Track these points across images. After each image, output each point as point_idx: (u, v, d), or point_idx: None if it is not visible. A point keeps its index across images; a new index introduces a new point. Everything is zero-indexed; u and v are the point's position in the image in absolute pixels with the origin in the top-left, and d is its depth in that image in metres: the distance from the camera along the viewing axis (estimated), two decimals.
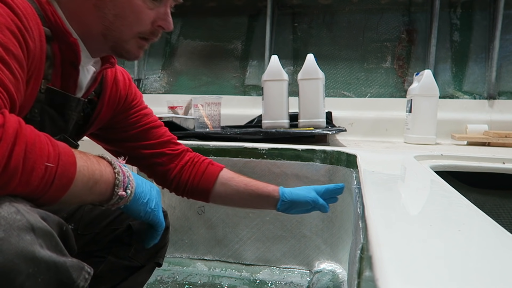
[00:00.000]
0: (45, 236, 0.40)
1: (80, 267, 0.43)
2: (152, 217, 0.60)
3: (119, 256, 0.75)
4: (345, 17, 1.75)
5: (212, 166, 0.81)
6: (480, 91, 1.56)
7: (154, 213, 0.60)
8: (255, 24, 1.85)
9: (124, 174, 0.53)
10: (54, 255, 0.40)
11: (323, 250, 1.08)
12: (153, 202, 0.59)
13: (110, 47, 0.60)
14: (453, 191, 0.56)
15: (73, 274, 0.42)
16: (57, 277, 0.40)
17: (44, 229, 0.40)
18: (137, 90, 0.80)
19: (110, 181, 0.51)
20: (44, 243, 0.39)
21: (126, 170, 0.54)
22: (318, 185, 1.02)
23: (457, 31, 1.63)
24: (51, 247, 0.40)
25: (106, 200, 0.51)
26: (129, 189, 0.53)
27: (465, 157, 0.96)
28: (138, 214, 0.58)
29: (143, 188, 0.58)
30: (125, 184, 0.53)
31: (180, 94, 1.79)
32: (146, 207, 0.58)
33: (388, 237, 0.35)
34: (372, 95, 1.65)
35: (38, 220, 0.40)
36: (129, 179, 0.54)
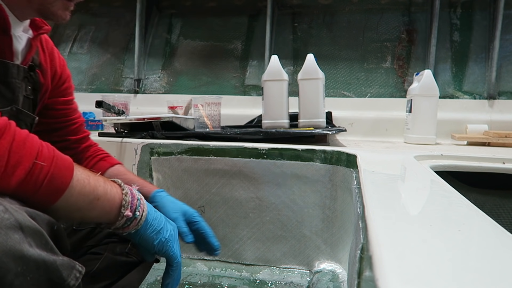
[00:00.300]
0: (34, 234, 0.40)
1: (71, 265, 0.43)
2: (166, 248, 0.59)
3: (116, 252, 0.75)
4: (345, 17, 1.75)
5: (102, 162, 0.80)
6: (480, 91, 1.56)
7: (167, 245, 0.59)
8: (255, 24, 1.85)
9: (133, 197, 0.53)
10: (43, 254, 0.40)
11: (323, 250, 1.08)
12: (167, 232, 0.59)
13: (36, 9, 0.60)
14: (453, 191, 0.56)
15: (64, 273, 0.41)
16: (47, 276, 0.39)
17: (32, 227, 0.40)
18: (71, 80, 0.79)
19: (116, 200, 0.51)
20: (33, 241, 0.39)
21: (138, 194, 0.54)
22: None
23: (457, 31, 1.63)
24: (40, 246, 0.40)
25: (113, 221, 0.51)
26: (139, 211, 0.53)
27: (465, 157, 0.96)
28: (152, 243, 0.57)
29: (156, 216, 0.57)
30: (134, 206, 0.52)
31: (180, 94, 1.79)
32: (160, 236, 0.57)
33: (388, 237, 0.35)
34: (372, 95, 1.65)
35: (26, 218, 0.40)
36: (140, 202, 0.54)
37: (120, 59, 1.97)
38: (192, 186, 1.13)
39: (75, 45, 2.04)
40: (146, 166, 1.15)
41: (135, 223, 0.53)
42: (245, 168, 1.08)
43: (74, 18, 2.10)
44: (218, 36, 1.88)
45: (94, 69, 1.99)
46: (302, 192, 1.07)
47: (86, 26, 2.07)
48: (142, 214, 0.54)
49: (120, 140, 1.17)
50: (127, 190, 0.52)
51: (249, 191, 1.10)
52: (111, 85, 1.93)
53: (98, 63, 1.99)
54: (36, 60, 0.67)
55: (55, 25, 2.10)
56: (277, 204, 1.09)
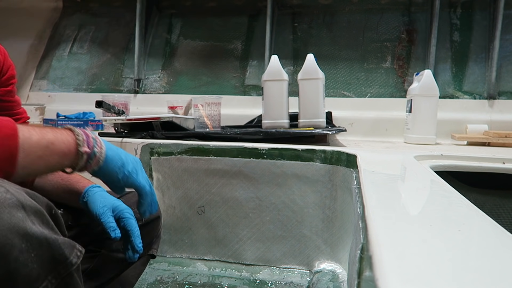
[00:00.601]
0: (35, 213, 0.41)
1: (72, 245, 0.44)
2: (131, 180, 0.61)
3: (112, 248, 0.75)
4: (345, 17, 1.75)
5: None
6: (480, 91, 1.56)
7: (132, 177, 0.61)
8: (255, 24, 1.85)
9: (87, 135, 0.54)
10: (46, 231, 0.41)
11: (323, 250, 1.08)
12: (130, 165, 0.60)
13: None
14: (453, 191, 0.56)
15: (66, 251, 0.42)
16: (50, 253, 0.41)
17: (34, 207, 0.41)
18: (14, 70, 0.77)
19: (70, 141, 0.52)
20: (36, 220, 0.40)
21: (91, 132, 0.56)
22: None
23: (457, 31, 1.63)
24: (42, 224, 0.41)
25: (75, 161, 0.53)
26: (97, 148, 0.55)
27: (465, 157, 0.96)
28: (116, 177, 0.59)
29: (116, 152, 0.59)
30: (91, 143, 0.54)
31: (180, 94, 1.79)
32: (123, 170, 0.59)
33: (388, 237, 0.35)
34: (372, 95, 1.65)
35: (27, 198, 0.41)
36: (96, 140, 0.56)
37: (120, 59, 1.97)
38: (192, 186, 1.13)
39: (75, 45, 2.04)
40: (146, 166, 1.15)
41: (97, 160, 0.55)
42: (245, 168, 1.08)
43: (74, 18, 2.10)
44: (218, 36, 1.88)
45: (94, 69, 1.99)
46: (302, 192, 1.07)
47: (86, 26, 2.07)
48: (101, 150, 0.56)
49: (120, 140, 1.17)
50: (78, 130, 0.54)
51: (249, 191, 1.10)
52: (111, 85, 1.93)
53: (98, 63, 1.99)
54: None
55: (55, 25, 2.10)
56: (277, 204, 1.09)
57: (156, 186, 1.16)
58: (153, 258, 0.83)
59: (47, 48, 2.07)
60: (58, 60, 2.04)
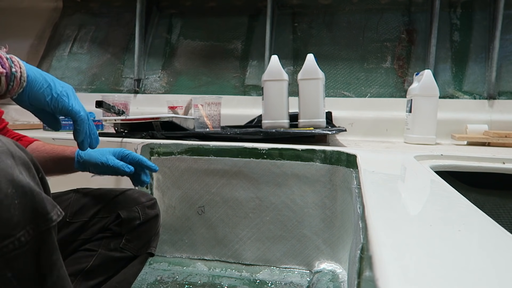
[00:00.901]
0: (23, 164, 0.41)
1: (53, 204, 0.44)
2: (61, 104, 0.56)
3: (110, 248, 0.74)
4: (345, 17, 1.75)
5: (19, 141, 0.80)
6: (480, 91, 1.56)
7: (62, 99, 0.56)
8: (255, 24, 1.85)
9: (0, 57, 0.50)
10: (31, 183, 0.41)
11: (323, 250, 1.08)
12: (58, 88, 0.57)
13: None
14: (453, 191, 0.56)
15: (47, 206, 0.42)
16: (32, 204, 0.40)
17: (22, 158, 0.41)
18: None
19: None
20: (23, 170, 0.40)
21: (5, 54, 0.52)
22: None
23: (457, 31, 1.63)
24: (29, 177, 0.41)
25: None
26: (15, 67, 0.51)
27: (465, 157, 0.96)
28: (44, 99, 0.55)
29: (40, 73, 0.55)
30: (6, 64, 0.50)
31: (180, 94, 1.79)
32: (51, 92, 0.55)
33: (388, 237, 0.35)
34: (372, 95, 1.65)
35: (17, 150, 0.41)
36: (11, 60, 0.51)
37: (120, 59, 1.97)
38: (192, 186, 1.13)
39: (75, 45, 2.04)
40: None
41: (18, 82, 0.51)
42: (245, 168, 1.08)
43: (74, 18, 2.10)
44: (218, 36, 1.88)
45: (94, 69, 1.99)
46: (302, 192, 1.07)
47: (86, 26, 2.07)
48: (21, 70, 0.52)
49: (120, 140, 1.17)
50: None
51: (249, 191, 1.10)
52: (111, 85, 1.93)
53: (98, 63, 1.99)
54: None
55: (55, 25, 2.10)
56: (277, 204, 1.09)
57: (156, 186, 1.16)
58: (152, 257, 0.82)
59: (47, 48, 2.07)
60: (58, 60, 2.04)
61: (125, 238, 0.76)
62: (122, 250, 0.75)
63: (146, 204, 0.80)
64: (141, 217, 0.77)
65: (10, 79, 0.50)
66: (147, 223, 0.79)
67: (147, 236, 0.79)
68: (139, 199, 0.80)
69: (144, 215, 0.78)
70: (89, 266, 0.72)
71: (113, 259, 0.74)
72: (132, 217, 0.76)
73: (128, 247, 0.76)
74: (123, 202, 0.78)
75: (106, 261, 0.74)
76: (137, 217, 0.77)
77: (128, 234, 0.76)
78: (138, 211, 0.78)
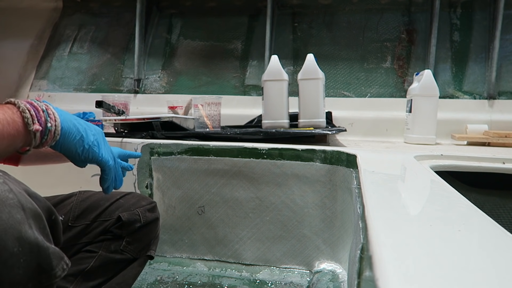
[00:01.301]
0: (34, 217, 0.40)
1: (61, 256, 0.43)
2: (92, 155, 0.56)
3: (111, 250, 0.75)
4: (345, 17, 1.75)
5: None
6: (480, 91, 1.56)
7: (93, 151, 0.56)
8: (255, 24, 1.85)
9: (37, 109, 0.49)
10: (39, 238, 0.40)
11: (323, 250, 1.08)
12: (90, 138, 0.56)
13: None
14: (453, 191, 0.56)
15: (53, 261, 0.42)
16: (38, 260, 0.40)
17: (33, 210, 0.40)
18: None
19: (16, 120, 0.47)
20: (33, 223, 0.40)
21: (43, 105, 0.51)
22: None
23: (457, 31, 1.63)
24: (39, 229, 0.40)
25: (29, 141, 0.48)
26: (51, 121, 0.50)
27: (465, 157, 0.96)
28: (75, 151, 0.55)
29: (73, 123, 0.54)
30: (42, 118, 0.49)
31: (180, 94, 1.79)
32: (83, 144, 0.55)
33: (388, 237, 0.35)
34: (372, 95, 1.65)
35: (29, 200, 0.40)
36: (47, 112, 0.50)
37: (120, 59, 1.97)
38: (192, 186, 1.13)
39: (75, 45, 2.04)
40: (146, 166, 1.15)
41: (52, 136, 0.50)
42: (245, 168, 1.08)
43: (74, 18, 2.10)
44: (218, 36, 1.88)
45: (94, 69, 1.99)
46: (302, 192, 1.07)
47: (86, 26, 2.07)
48: (56, 123, 0.51)
49: (120, 140, 1.17)
50: (24, 106, 0.48)
51: (249, 191, 1.10)
52: (111, 85, 1.93)
53: (98, 63, 1.99)
54: None
55: (55, 25, 2.10)
56: (277, 204, 1.09)
57: (156, 186, 1.16)
58: (151, 259, 0.83)
59: (47, 48, 2.07)
60: (58, 60, 2.04)
61: (125, 241, 0.76)
62: (122, 252, 0.76)
63: (147, 207, 0.81)
64: (141, 220, 0.78)
65: (44, 133, 0.49)
66: (147, 226, 0.79)
67: (147, 238, 0.80)
68: (140, 203, 0.81)
69: (144, 218, 0.79)
70: (89, 267, 0.73)
71: (113, 261, 0.75)
72: (133, 219, 0.77)
73: (128, 249, 0.77)
74: (124, 205, 0.79)
75: (106, 263, 0.74)
76: (137, 220, 0.77)
77: (129, 236, 0.76)
78: (138, 214, 0.78)
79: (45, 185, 0.54)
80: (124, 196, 0.81)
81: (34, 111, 0.49)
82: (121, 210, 0.77)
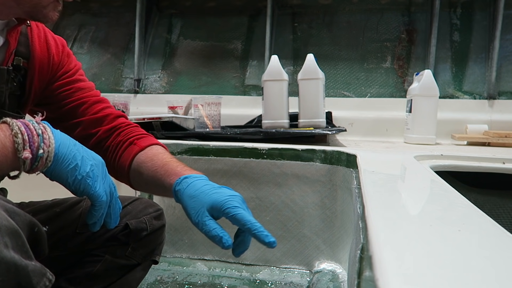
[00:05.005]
0: (11, 234, 0.38)
1: (42, 273, 0.41)
2: (83, 186, 0.50)
3: (116, 255, 0.75)
4: (345, 17, 1.75)
5: (132, 146, 0.70)
6: (480, 91, 1.56)
7: (86, 182, 0.50)
8: (255, 24, 1.85)
9: (31, 133, 0.45)
10: (16, 257, 0.38)
11: (323, 250, 1.08)
12: (85, 168, 0.50)
13: (25, 12, 0.56)
14: (453, 191, 0.56)
15: (33, 280, 0.40)
16: (16, 280, 0.38)
17: (10, 227, 0.38)
18: (74, 59, 0.73)
19: (7, 145, 0.44)
20: (10, 242, 0.38)
21: (39, 128, 0.47)
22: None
23: (457, 31, 1.63)
24: (16, 247, 0.38)
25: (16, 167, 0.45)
26: (43, 149, 0.46)
27: (465, 157, 0.96)
28: (66, 180, 0.49)
29: (70, 151, 0.49)
30: (34, 144, 0.45)
31: (180, 94, 1.79)
32: (75, 173, 0.49)
33: (388, 237, 0.35)
34: (372, 95, 1.65)
35: (5, 217, 0.38)
36: (43, 137, 0.46)
37: (120, 59, 1.97)
38: None
39: (75, 45, 2.04)
40: None
41: (43, 162, 0.46)
42: (245, 168, 1.08)
43: (74, 18, 2.10)
44: (218, 36, 1.88)
45: (94, 69, 1.99)
46: (302, 192, 1.07)
47: (86, 26, 2.07)
48: (49, 149, 0.47)
49: None
50: (18, 128, 0.44)
51: (249, 191, 1.10)
52: (111, 85, 1.93)
53: (98, 63, 1.99)
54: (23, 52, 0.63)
55: (55, 25, 2.10)
56: (277, 204, 1.09)
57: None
58: (155, 264, 0.83)
59: None
60: None
61: (131, 247, 0.76)
62: (128, 258, 0.76)
63: (153, 215, 0.80)
64: (148, 228, 0.78)
65: (35, 160, 0.46)
66: (153, 234, 0.79)
67: (153, 245, 0.80)
68: (147, 210, 0.80)
69: (151, 226, 0.78)
70: (95, 270, 0.73)
71: (118, 265, 0.75)
72: (140, 228, 0.76)
73: (134, 255, 0.77)
74: (131, 212, 0.78)
75: (111, 267, 0.74)
76: (144, 228, 0.77)
77: (134, 243, 0.76)
78: (145, 222, 0.77)
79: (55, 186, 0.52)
80: (132, 202, 0.80)
81: (28, 134, 0.45)
82: (128, 217, 0.76)
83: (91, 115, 0.70)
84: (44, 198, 0.76)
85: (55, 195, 0.75)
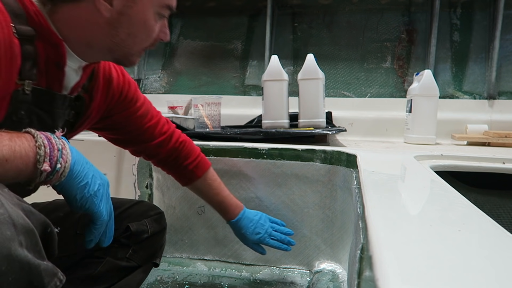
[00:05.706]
0: (26, 234, 0.39)
1: (54, 273, 0.42)
2: (89, 204, 0.53)
3: (117, 257, 0.75)
4: (345, 17, 1.75)
5: (205, 161, 0.93)
6: (480, 91, 1.56)
7: (92, 200, 0.53)
8: (255, 24, 1.85)
9: (53, 147, 0.47)
10: (30, 256, 0.39)
11: (323, 250, 1.08)
12: (94, 187, 0.53)
13: (114, 58, 0.61)
14: (453, 191, 0.56)
15: (45, 279, 0.40)
16: (28, 278, 0.38)
17: (26, 226, 0.39)
18: (134, 86, 0.78)
19: (29, 155, 0.45)
20: (24, 240, 0.38)
21: (60, 143, 0.49)
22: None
23: (457, 31, 1.63)
24: (30, 246, 0.39)
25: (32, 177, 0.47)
26: (61, 164, 0.48)
27: (465, 157, 0.96)
28: (74, 196, 0.51)
29: (83, 168, 0.52)
30: (54, 158, 0.47)
31: (180, 94, 1.79)
32: (84, 191, 0.52)
33: (388, 237, 0.35)
34: (372, 95, 1.65)
35: (21, 216, 0.39)
36: (62, 152, 0.48)
37: None
38: None
39: None
40: (146, 166, 1.15)
41: (57, 176, 0.48)
42: (245, 168, 1.08)
43: None
44: (218, 36, 1.88)
45: None
46: (302, 192, 1.07)
47: None
48: (65, 165, 0.49)
49: None
50: (41, 141, 0.46)
51: (249, 191, 1.10)
52: None
53: None
54: (86, 86, 0.66)
55: None
56: (277, 204, 1.09)
57: (156, 186, 1.16)
58: (156, 267, 0.84)
59: None
60: None
61: (132, 249, 0.77)
62: (128, 260, 0.77)
63: (154, 218, 0.81)
64: (149, 231, 0.79)
65: (51, 173, 0.48)
66: (154, 236, 0.80)
67: (153, 248, 0.81)
68: (148, 213, 0.81)
69: (152, 229, 0.79)
70: (96, 272, 0.73)
71: (119, 267, 0.76)
72: (141, 230, 0.77)
73: (134, 257, 0.77)
74: (132, 215, 0.79)
75: (112, 269, 0.75)
76: (145, 230, 0.78)
77: (135, 245, 0.77)
78: (146, 225, 0.79)
79: None
80: (133, 205, 0.81)
81: (50, 148, 0.47)
82: (129, 220, 0.77)
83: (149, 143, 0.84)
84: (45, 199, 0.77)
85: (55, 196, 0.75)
